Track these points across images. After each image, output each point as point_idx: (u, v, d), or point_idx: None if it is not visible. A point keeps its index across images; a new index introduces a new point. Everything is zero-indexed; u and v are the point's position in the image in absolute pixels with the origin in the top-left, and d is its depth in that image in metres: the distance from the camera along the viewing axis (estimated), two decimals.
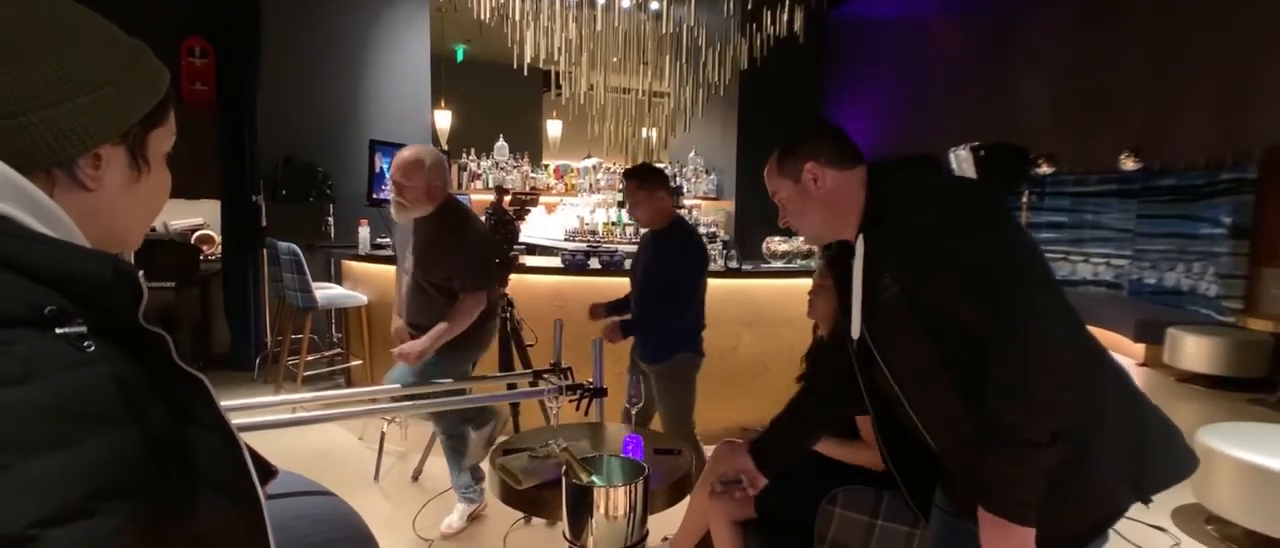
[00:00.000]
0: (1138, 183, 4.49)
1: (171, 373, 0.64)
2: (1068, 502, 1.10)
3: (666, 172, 6.26)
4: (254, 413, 1.82)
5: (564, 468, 1.35)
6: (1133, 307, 4.49)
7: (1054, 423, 1.02)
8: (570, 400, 2.10)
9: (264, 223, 4.68)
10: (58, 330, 0.52)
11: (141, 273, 0.61)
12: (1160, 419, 1.18)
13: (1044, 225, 5.19)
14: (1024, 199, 4.81)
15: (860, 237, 1.23)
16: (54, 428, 0.49)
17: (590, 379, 2.10)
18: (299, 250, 3.93)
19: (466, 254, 2.40)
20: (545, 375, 2.15)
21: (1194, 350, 3.89)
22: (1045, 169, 4.90)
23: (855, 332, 1.26)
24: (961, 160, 4.11)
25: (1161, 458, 1.15)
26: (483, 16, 4.78)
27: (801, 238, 3.98)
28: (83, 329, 0.54)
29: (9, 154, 0.57)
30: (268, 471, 0.87)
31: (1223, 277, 4.02)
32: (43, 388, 0.50)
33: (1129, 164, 4.43)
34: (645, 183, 2.64)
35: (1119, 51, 4.56)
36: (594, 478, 1.36)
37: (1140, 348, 4.55)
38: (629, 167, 2.78)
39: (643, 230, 2.82)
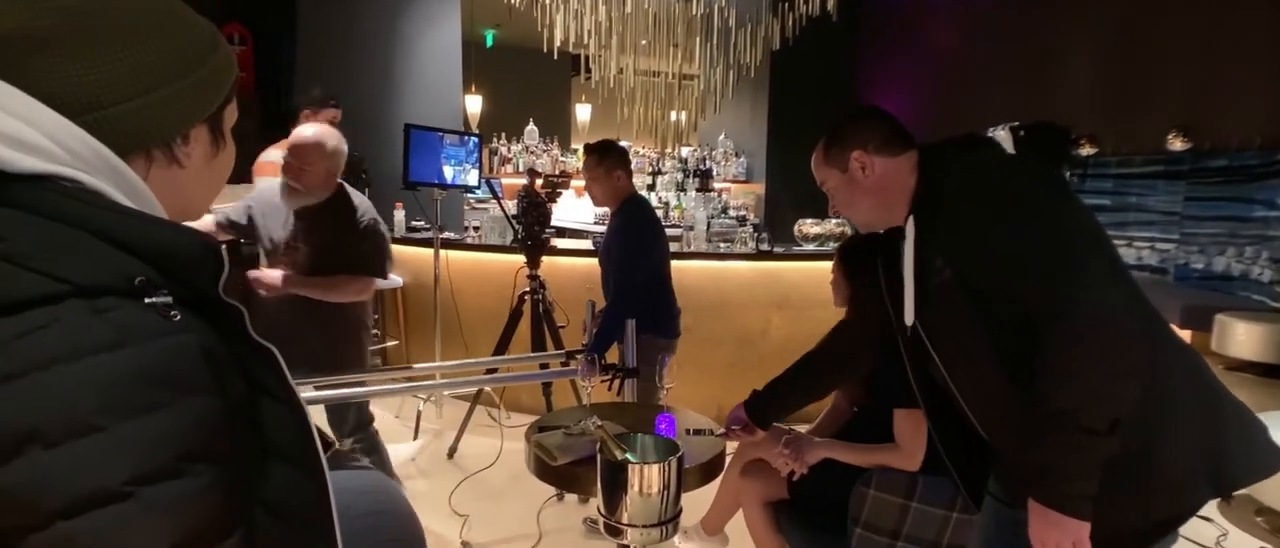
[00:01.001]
0: (1186, 164, 4.34)
1: (245, 344, 0.66)
2: (1131, 497, 1.05)
3: (695, 155, 6.25)
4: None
5: (599, 445, 1.36)
6: (1179, 292, 4.36)
7: (1113, 410, 0.98)
8: (602, 381, 2.11)
9: None
10: (147, 300, 0.55)
11: (224, 247, 0.64)
12: (1239, 413, 1.12)
13: None
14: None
15: (910, 218, 1.18)
16: (146, 393, 0.52)
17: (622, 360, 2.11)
18: None
19: (371, 243, 2.21)
20: (577, 356, 2.17)
21: (1245, 337, 3.76)
22: (1087, 150, 4.76)
23: (908, 319, 1.21)
24: (1000, 141, 4.01)
25: (1240, 453, 1.08)
26: (512, 1, 4.78)
27: (834, 221, 3.95)
28: (169, 299, 0.56)
29: (119, 135, 0.60)
30: (326, 443, 0.90)
31: (1277, 261, 3.88)
32: (136, 354, 0.52)
33: (1177, 144, 4.27)
34: (604, 159, 2.53)
35: (1167, 24, 4.40)
36: (628, 455, 1.37)
37: (1187, 335, 4.42)
38: (589, 142, 2.68)
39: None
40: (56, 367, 0.49)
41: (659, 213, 5.43)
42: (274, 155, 2.71)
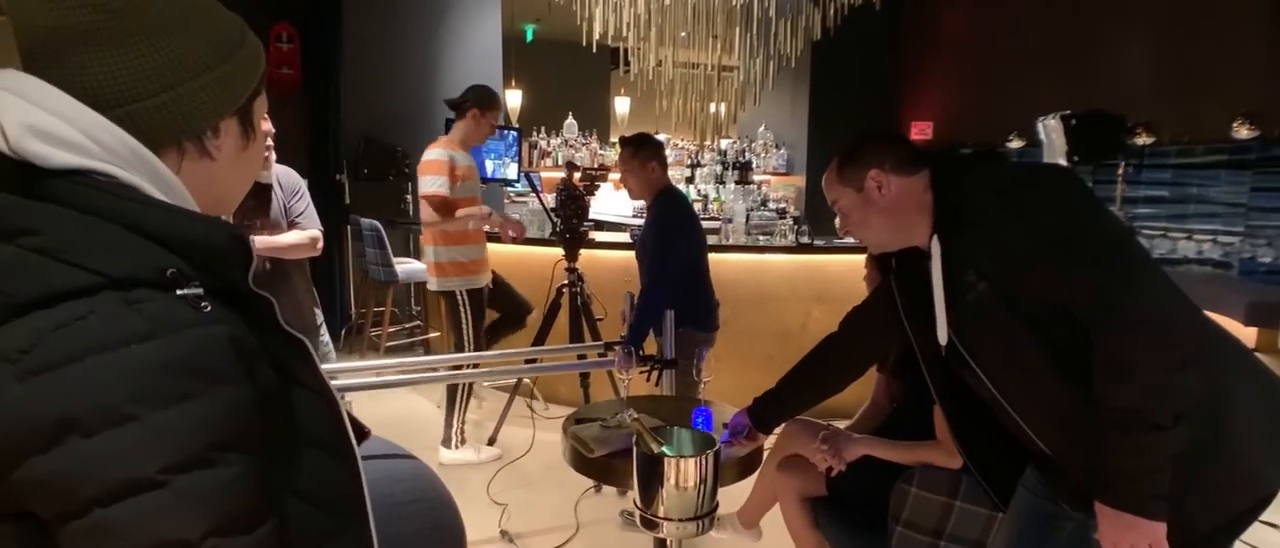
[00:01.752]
0: (1253, 152, 4.13)
1: (276, 335, 0.67)
2: (1207, 491, 1.03)
3: (745, 145, 6.20)
4: (344, 377, 1.92)
5: (635, 438, 1.37)
6: (1244, 287, 4.16)
7: (1175, 403, 0.96)
8: (641, 372, 2.12)
9: (347, 201, 4.88)
10: (178, 291, 0.56)
11: (253, 240, 0.65)
12: None
13: (1141, 200, 4.86)
14: (1120, 172, 4.51)
15: (934, 239, 1.18)
16: (178, 382, 0.53)
17: (659, 351, 2.11)
18: (381, 227, 4.09)
19: (307, 202, 2.36)
20: (615, 347, 2.18)
21: None
22: (1143, 139, 4.56)
23: (941, 337, 1.20)
24: (1051, 131, 3.88)
25: None
26: None
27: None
28: (200, 291, 0.57)
29: (150, 129, 0.61)
30: (361, 432, 0.91)
31: None
32: (167, 345, 0.53)
33: (1243, 132, 4.07)
34: (639, 152, 2.53)
35: (1231, 2, 4.19)
36: (664, 448, 1.37)
37: (1253, 332, 4.21)
38: (625, 136, 2.69)
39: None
40: (91, 358, 0.51)
41: (697, 206, 5.42)
42: (439, 154, 2.83)
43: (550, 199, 3.13)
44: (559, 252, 2.99)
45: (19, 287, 0.52)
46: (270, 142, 2.20)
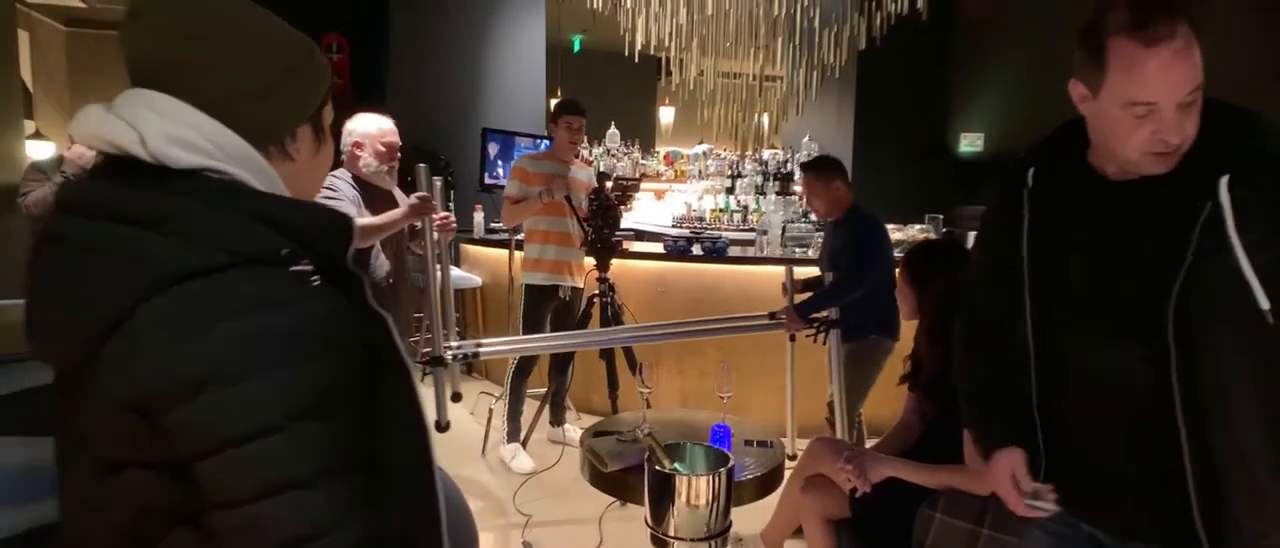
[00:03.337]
0: None
1: (363, 311, 0.75)
2: None
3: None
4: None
5: (647, 454, 1.35)
6: None
7: None
8: (807, 334, 2.49)
9: None
10: (292, 268, 0.67)
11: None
12: None
13: None
14: None
15: (1226, 181, 0.91)
16: (293, 345, 0.63)
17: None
18: None
19: None
20: (782, 313, 2.51)
21: None
22: None
23: (1264, 301, 0.89)
24: None
25: None
26: (596, 5, 4.84)
27: (917, 227, 3.76)
28: (310, 268, 0.68)
29: (246, 136, 0.71)
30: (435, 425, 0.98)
31: None
32: (283, 312, 0.64)
33: None
34: (821, 174, 2.68)
35: None
36: (677, 466, 1.35)
37: None
38: (805, 160, 2.82)
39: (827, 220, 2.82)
40: (222, 324, 0.61)
41: (736, 217, 5.37)
42: (517, 162, 3.18)
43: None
44: (590, 261, 3.00)
45: (164, 266, 0.63)
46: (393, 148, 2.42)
